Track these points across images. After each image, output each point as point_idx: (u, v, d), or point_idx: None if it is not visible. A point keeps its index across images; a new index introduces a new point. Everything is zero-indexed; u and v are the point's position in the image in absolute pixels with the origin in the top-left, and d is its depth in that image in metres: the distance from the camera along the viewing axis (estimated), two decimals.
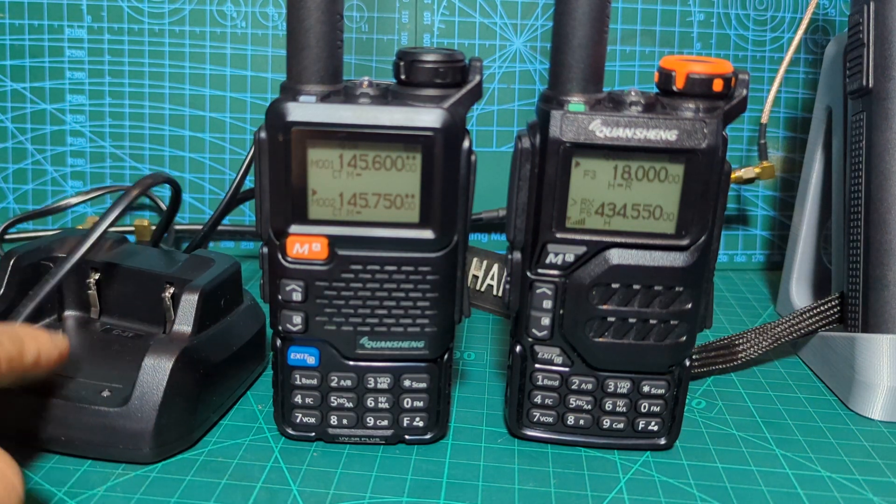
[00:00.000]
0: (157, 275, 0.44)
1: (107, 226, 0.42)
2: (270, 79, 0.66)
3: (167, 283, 0.44)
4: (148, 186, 0.45)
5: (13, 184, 0.67)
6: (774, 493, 0.38)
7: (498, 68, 0.66)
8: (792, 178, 0.69)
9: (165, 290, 0.44)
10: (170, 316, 0.44)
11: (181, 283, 0.43)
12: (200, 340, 0.41)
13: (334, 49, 0.36)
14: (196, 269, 0.44)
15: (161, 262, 0.46)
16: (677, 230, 0.37)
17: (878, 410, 0.46)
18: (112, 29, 0.65)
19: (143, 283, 0.44)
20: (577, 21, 0.36)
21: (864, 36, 0.47)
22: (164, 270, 0.44)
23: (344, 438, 0.41)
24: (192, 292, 0.41)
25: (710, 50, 0.67)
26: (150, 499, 0.36)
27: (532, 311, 0.39)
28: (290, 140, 0.35)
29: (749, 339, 0.50)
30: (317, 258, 0.37)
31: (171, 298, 0.44)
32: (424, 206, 0.37)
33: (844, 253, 0.50)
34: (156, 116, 0.66)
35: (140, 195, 0.44)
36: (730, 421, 0.45)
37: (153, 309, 0.44)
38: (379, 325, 0.39)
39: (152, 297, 0.44)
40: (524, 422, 0.42)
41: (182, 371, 0.39)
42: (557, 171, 0.36)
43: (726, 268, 0.70)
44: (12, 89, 0.66)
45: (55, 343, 0.36)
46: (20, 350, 0.33)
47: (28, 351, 0.34)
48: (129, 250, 0.47)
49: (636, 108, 0.36)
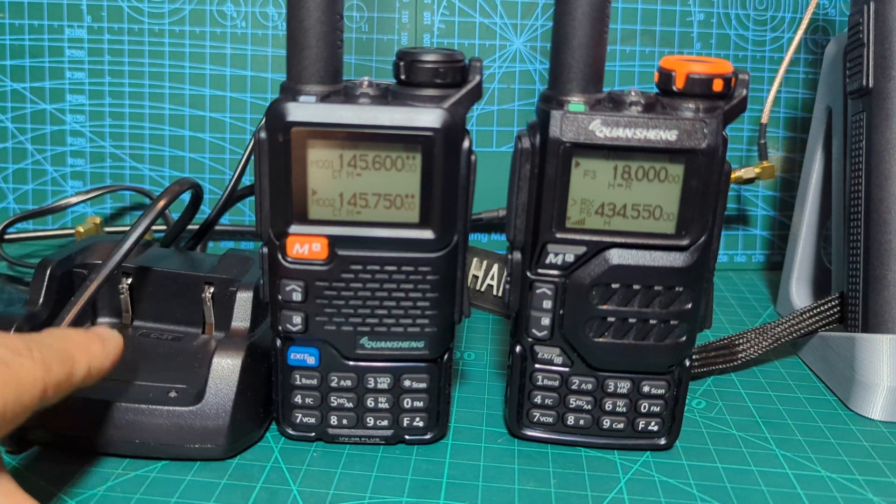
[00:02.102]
0: (195, 276, 0.45)
1: (141, 233, 0.42)
2: (270, 79, 0.66)
3: (206, 283, 0.44)
4: (177, 194, 0.45)
5: (13, 184, 0.67)
6: (774, 493, 0.38)
7: (498, 68, 0.66)
8: (792, 178, 0.69)
9: (205, 290, 0.44)
10: (210, 316, 0.44)
11: (223, 282, 0.44)
12: (259, 336, 0.42)
13: (334, 49, 0.36)
14: (237, 268, 0.45)
15: (192, 264, 0.46)
16: (677, 230, 0.37)
17: (878, 410, 0.46)
18: (112, 29, 0.65)
19: (179, 286, 0.45)
20: (577, 21, 0.36)
21: (864, 36, 0.47)
22: (200, 271, 0.45)
23: (344, 438, 0.41)
24: (246, 290, 0.42)
25: (710, 50, 0.67)
26: (150, 499, 0.36)
27: (532, 311, 0.39)
28: (289, 140, 0.35)
29: (749, 339, 0.50)
30: (317, 258, 0.37)
31: (211, 298, 0.44)
32: (424, 207, 0.37)
33: (844, 253, 0.50)
34: (156, 116, 0.66)
35: (170, 203, 0.44)
36: (730, 421, 0.45)
37: (188, 310, 0.45)
38: (379, 325, 0.39)
39: (188, 298, 0.45)
40: (524, 422, 0.42)
41: (250, 366, 0.40)
42: (557, 171, 0.36)
43: (726, 268, 0.70)
44: (12, 89, 0.66)
45: (107, 352, 0.35)
46: (69, 371, 0.32)
47: (78, 370, 0.33)
48: (157, 254, 0.47)
49: (636, 108, 0.36)
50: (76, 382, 0.33)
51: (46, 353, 0.31)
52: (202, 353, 0.43)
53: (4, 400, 0.28)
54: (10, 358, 0.29)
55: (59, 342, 0.33)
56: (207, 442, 0.39)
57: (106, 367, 0.35)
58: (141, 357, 0.42)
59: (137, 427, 0.38)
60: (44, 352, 0.31)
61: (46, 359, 0.31)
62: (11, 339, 0.30)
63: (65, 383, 0.32)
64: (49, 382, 0.30)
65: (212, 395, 0.39)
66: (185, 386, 0.40)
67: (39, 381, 0.30)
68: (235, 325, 0.42)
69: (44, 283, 0.43)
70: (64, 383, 0.32)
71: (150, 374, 0.41)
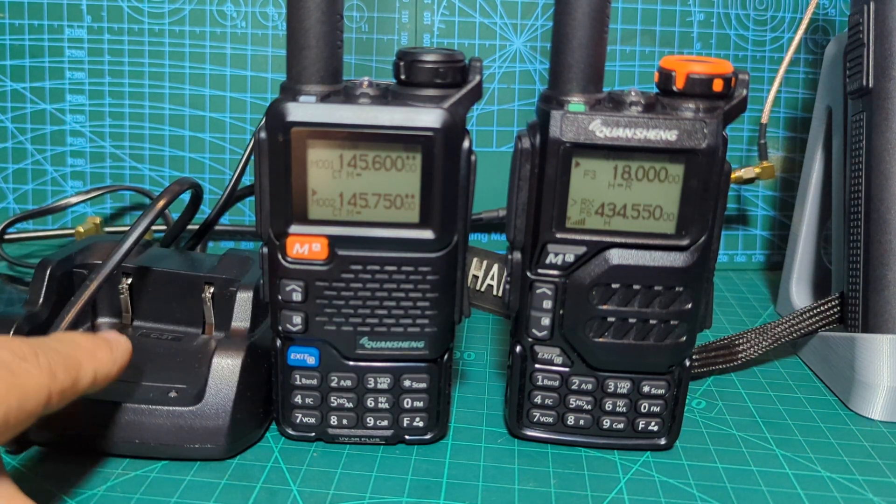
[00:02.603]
0: (195, 276, 0.45)
1: (140, 232, 0.42)
2: (270, 79, 0.66)
3: (206, 283, 0.44)
4: (177, 194, 0.45)
5: (13, 184, 0.67)
6: (774, 493, 0.38)
7: (498, 68, 0.66)
8: (792, 178, 0.69)
9: (205, 290, 0.44)
10: (210, 316, 0.45)
11: (223, 282, 0.44)
12: (259, 336, 0.42)
13: (334, 49, 0.36)
14: (237, 268, 0.45)
15: (192, 264, 0.46)
16: (677, 230, 0.37)
17: (878, 410, 0.46)
18: (112, 29, 0.65)
19: (179, 286, 0.45)
20: (577, 21, 0.36)
21: (864, 36, 0.47)
22: (200, 271, 0.45)
23: (344, 438, 0.41)
24: (246, 290, 0.42)
25: (710, 50, 0.67)
26: (150, 499, 0.36)
27: (532, 311, 0.39)
28: (289, 140, 0.35)
29: (749, 339, 0.50)
30: (317, 258, 0.37)
31: (211, 299, 0.44)
32: (424, 207, 0.37)
33: (844, 253, 0.50)
34: (156, 116, 0.66)
35: (170, 203, 0.44)
36: (730, 421, 0.45)
37: (189, 310, 0.45)
38: (379, 326, 0.39)
39: (188, 298, 0.45)
40: (524, 422, 0.42)
41: (250, 366, 0.40)
42: (557, 171, 0.36)
43: (726, 268, 0.70)
44: (12, 89, 0.66)
45: (115, 358, 0.35)
46: (75, 378, 0.32)
47: (84, 377, 0.32)
48: (157, 254, 0.48)
49: (636, 108, 0.36)
50: (81, 389, 0.32)
51: (52, 358, 0.31)
52: (202, 353, 0.43)
53: (7, 406, 0.27)
54: (15, 364, 0.29)
55: (65, 347, 0.32)
56: (207, 442, 0.39)
57: (113, 373, 0.35)
58: (141, 357, 0.42)
59: (137, 427, 0.38)
60: (50, 357, 0.30)
61: (52, 365, 0.30)
62: (17, 343, 0.30)
63: (70, 390, 0.31)
64: (54, 389, 0.30)
65: (212, 395, 0.39)
66: (185, 386, 0.40)
67: (44, 387, 0.29)
68: (235, 325, 0.42)
69: (44, 283, 0.43)
70: (69, 390, 0.31)
71: (150, 374, 0.41)
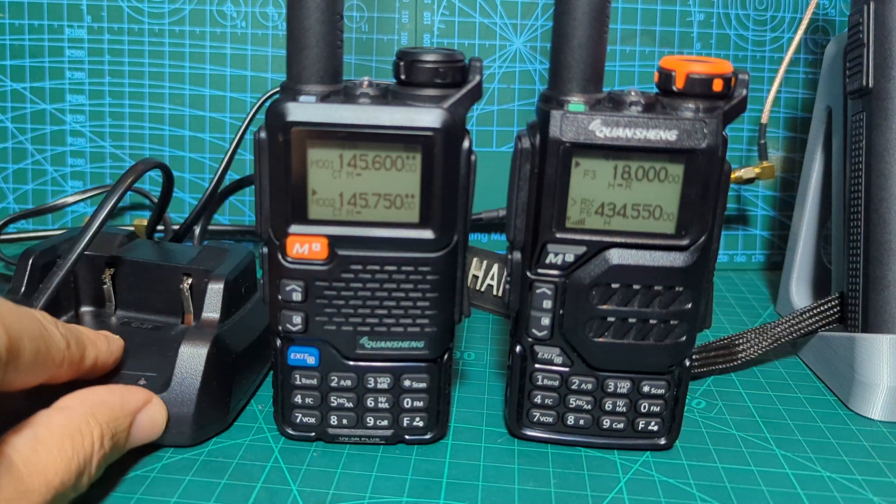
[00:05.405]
0: (174, 267, 0.45)
1: (106, 213, 0.43)
2: (270, 79, 0.66)
3: (184, 274, 0.45)
4: (141, 173, 0.46)
5: (13, 184, 0.67)
6: (774, 493, 0.38)
7: (498, 68, 0.66)
8: (792, 178, 0.69)
9: (183, 281, 0.45)
10: (188, 306, 0.45)
11: (200, 273, 0.45)
12: (229, 327, 0.43)
13: (334, 49, 0.36)
14: (213, 260, 0.46)
15: (174, 255, 0.47)
16: (677, 230, 0.37)
17: (878, 410, 0.46)
18: (112, 29, 0.65)
19: (160, 276, 0.46)
20: (577, 21, 0.36)
21: (864, 36, 0.47)
22: (180, 262, 0.46)
23: (344, 438, 0.41)
24: (217, 281, 0.43)
25: (710, 50, 0.67)
26: (150, 499, 0.36)
27: (532, 311, 0.39)
28: (289, 140, 0.35)
29: (749, 339, 0.50)
30: (317, 258, 0.37)
31: (189, 289, 0.45)
32: (424, 206, 0.37)
33: (844, 253, 0.50)
34: (156, 116, 0.66)
35: (134, 182, 0.45)
36: (730, 421, 0.45)
37: (169, 300, 0.46)
38: (379, 325, 0.39)
39: (168, 288, 0.45)
40: (524, 422, 0.42)
41: (216, 356, 0.41)
42: (557, 171, 0.36)
43: (726, 268, 0.70)
44: (12, 89, 0.66)
45: (111, 350, 0.39)
46: (81, 356, 0.36)
47: (88, 357, 0.36)
48: (141, 245, 0.48)
49: (636, 108, 0.36)
50: (85, 368, 0.36)
51: (68, 332, 0.35)
52: (177, 342, 0.43)
53: (37, 348, 0.31)
54: (45, 322, 0.33)
55: (74, 329, 0.36)
56: (172, 429, 0.39)
57: (109, 363, 0.39)
58: None
59: None
60: (66, 331, 0.35)
61: (68, 337, 0.35)
62: (44, 313, 0.34)
63: (76, 365, 0.35)
64: (66, 357, 0.34)
65: (177, 383, 0.39)
66: (155, 374, 0.41)
67: (61, 350, 0.34)
68: (205, 315, 0.43)
69: (26, 272, 0.44)
70: (75, 364, 0.35)
71: (127, 361, 0.42)
